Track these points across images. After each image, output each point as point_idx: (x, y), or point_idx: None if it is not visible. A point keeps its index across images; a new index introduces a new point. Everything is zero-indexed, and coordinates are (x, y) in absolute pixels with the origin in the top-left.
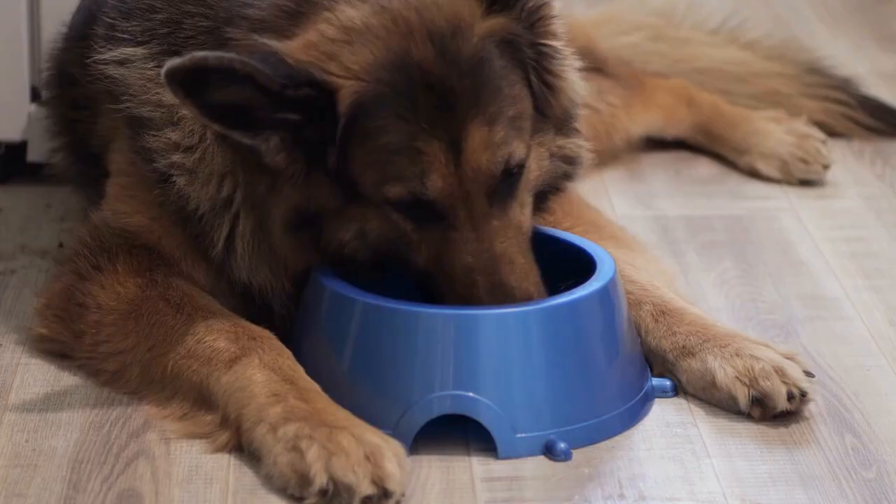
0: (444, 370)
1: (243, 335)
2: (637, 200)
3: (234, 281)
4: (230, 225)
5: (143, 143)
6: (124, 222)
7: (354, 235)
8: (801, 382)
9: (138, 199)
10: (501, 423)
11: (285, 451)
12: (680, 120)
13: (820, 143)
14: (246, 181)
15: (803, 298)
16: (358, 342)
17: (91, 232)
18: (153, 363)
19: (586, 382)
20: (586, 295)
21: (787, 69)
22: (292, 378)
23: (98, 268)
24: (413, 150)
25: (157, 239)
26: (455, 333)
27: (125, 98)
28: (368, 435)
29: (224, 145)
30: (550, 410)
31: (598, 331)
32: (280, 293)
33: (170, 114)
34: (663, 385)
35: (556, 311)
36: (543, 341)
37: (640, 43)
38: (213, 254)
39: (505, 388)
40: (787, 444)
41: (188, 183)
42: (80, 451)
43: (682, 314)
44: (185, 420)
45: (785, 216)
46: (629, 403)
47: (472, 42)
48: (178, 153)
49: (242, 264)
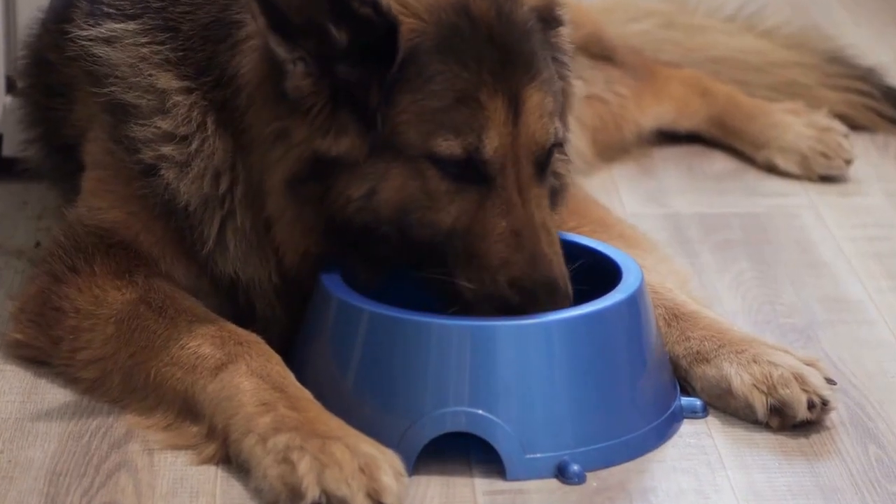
0: (459, 385)
1: (229, 340)
2: (648, 197)
3: (218, 277)
4: (221, 220)
5: (127, 132)
6: (100, 219)
7: (364, 194)
8: (823, 390)
9: (115, 194)
10: (512, 444)
11: (275, 462)
12: (693, 112)
13: (842, 137)
14: (253, 129)
15: (824, 301)
16: (365, 353)
17: (65, 231)
18: (135, 371)
19: (608, 400)
20: (612, 305)
21: (806, 58)
22: (282, 386)
23: (74, 270)
24: (474, 103)
25: (134, 235)
26: (471, 346)
27: (110, 81)
28: (364, 446)
29: (225, 133)
30: (568, 430)
31: (624, 344)
32: (267, 286)
33: (160, 100)
34: (693, 405)
35: (579, 323)
36: (565, 355)
37: (652, 30)
38: (203, 250)
39: (522, 404)
40: (808, 455)
41: (178, 177)
42: (59, 462)
43: (695, 318)
44: (169, 430)
45: (805, 214)
46: (654, 423)
47: (524, 10)
48: (169, 144)
49: (233, 256)
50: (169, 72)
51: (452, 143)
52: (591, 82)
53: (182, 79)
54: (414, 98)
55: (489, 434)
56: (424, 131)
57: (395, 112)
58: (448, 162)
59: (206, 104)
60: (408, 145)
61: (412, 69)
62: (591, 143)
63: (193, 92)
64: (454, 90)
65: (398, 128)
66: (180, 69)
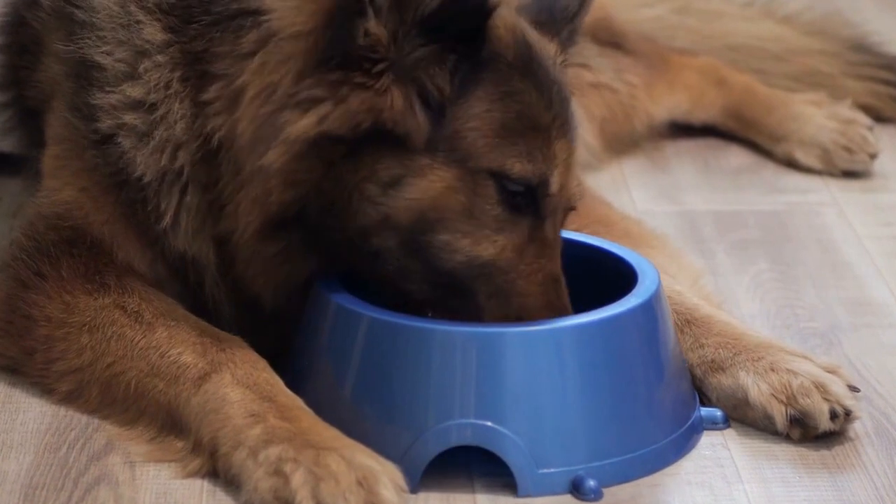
0: (465, 395)
1: (211, 347)
2: (660, 194)
3: (170, 254)
4: (179, 194)
5: (87, 98)
6: (53, 201)
7: (389, 181)
8: (845, 399)
9: (68, 169)
10: (524, 458)
11: (267, 476)
12: (709, 103)
13: (866, 130)
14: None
15: (847, 304)
16: (365, 362)
17: (25, 231)
18: (114, 382)
19: (624, 411)
20: (627, 311)
21: (829, 46)
22: (271, 394)
23: (40, 274)
24: (546, 136)
25: (84, 216)
26: (477, 353)
27: (84, 32)
28: (361, 457)
29: (189, 94)
30: (581, 443)
31: (640, 352)
32: (210, 264)
33: (133, 62)
34: (713, 416)
35: (592, 330)
36: (577, 363)
37: (665, 16)
38: (160, 225)
39: (532, 416)
40: (830, 468)
41: (135, 146)
42: (35, 476)
43: (709, 323)
44: (152, 444)
45: (827, 211)
46: (672, 435)
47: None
48: (133, 113)
49: (183, 231)
50: (157, 21)
51: (527, 167)
52: (600, 71)
53: (166, 31)
54: (490, 107)
55: (499, 447)
56: (496, 145)
57: (468, 114)
58: (514, 185)
59: (179, 58)
60: (473, 155)
61: (492, 75)
62: (599, 134)
63: (172, 46)
64: (530, 116)
65: (466, 133)
66: (168, 18)
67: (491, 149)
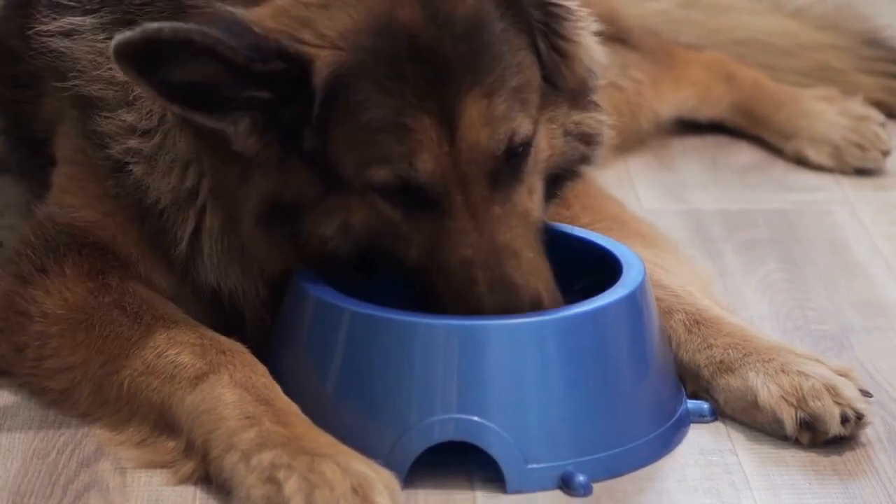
0: (447, 390)
1: (211, 349)
2: (667, 192)
3: (201, 285)
4: (196, 220)
5: (94, 126)
6: (72, 217)
7: (338, 230)
8: (857, 403)
9: (88, 191)
10: (511, 452)
11: (260, 482)
12: (716, 99)
13: (878, 126)
14: (213, 169)
15: (859, 305)
16: (346, 357)
17: (34, 229)
18: (106, 381)
19: (610, 405)
20: (611, 303)
21: (840, 40)
22: (268, 398)
23: (43, 270)
24: (400, 127)
25: (110, 237)
26: (459, 347)
27: (72, 75)
28: (355, 464)
29: (186, 129)
30: (568, 437)
31: (625, 344)
32: (253, 299)
33: (124, 92)
34: (700, 408)
35: (576, 322)
36: (561, 356)
37: (671, 10)
38: (176, 253)
39: (516, 411)
40: (841, 474)
41: (146, 172)
42: (23, 482)
43: (719, 324)
44: (143, 447)
45: (838, 210)
46: (660, 429)
47: (468, 2)
48: (134, 137)
49: (210, 265)
50: None
51: (384, 172)
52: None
53: None
54: (344, 131)
55: (485, 442)
56: (359, 163)
57: (333, 147)
58: (389, 190)
59: None
60: (351, 180)
61: (338, 102)
62: None
63: None
64: (377, 118)
65: (339, 163)
66: None
67: (356, 168)
